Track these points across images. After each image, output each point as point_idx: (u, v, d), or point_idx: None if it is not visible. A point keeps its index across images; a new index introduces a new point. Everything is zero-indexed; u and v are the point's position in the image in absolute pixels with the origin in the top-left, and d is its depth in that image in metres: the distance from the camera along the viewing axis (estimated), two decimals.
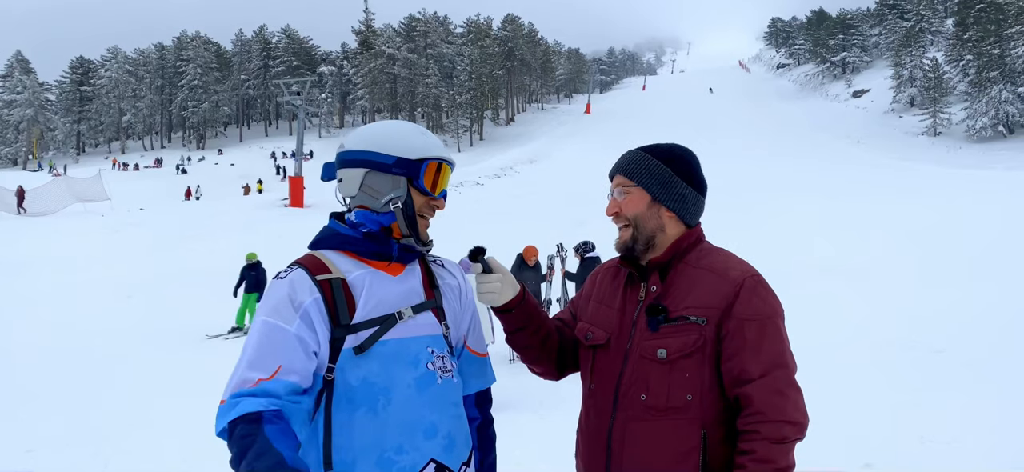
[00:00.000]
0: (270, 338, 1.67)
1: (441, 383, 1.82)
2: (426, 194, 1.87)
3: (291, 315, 1.70)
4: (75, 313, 14.49)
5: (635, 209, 1.93)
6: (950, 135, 55.84)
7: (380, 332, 1.76)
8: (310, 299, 1.72)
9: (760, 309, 1.79)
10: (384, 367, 1.74)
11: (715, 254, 1.93)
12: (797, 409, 1.75)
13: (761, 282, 1.84)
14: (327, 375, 1.72)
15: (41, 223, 30.49)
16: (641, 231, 1.92)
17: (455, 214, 30.80)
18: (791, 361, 1.80)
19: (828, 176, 35.22)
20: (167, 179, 60.57)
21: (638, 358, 1.85)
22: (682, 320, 1.81)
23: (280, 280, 1.76)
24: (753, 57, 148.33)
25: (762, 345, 1.76)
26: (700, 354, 1.79)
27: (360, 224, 1.85)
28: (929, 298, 12.95)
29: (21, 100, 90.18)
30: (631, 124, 62.35)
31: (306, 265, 1.78)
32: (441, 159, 1.89)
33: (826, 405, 6.67)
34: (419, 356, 1.80)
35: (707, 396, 1.79)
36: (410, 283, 1.86)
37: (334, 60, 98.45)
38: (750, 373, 1.74)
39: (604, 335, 1.95)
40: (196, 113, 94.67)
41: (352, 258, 1.83)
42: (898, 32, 79.13)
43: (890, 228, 20.60)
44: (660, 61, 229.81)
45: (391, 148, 1.85)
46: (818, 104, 77.35)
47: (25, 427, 7.61)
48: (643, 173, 1.94)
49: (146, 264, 20.57)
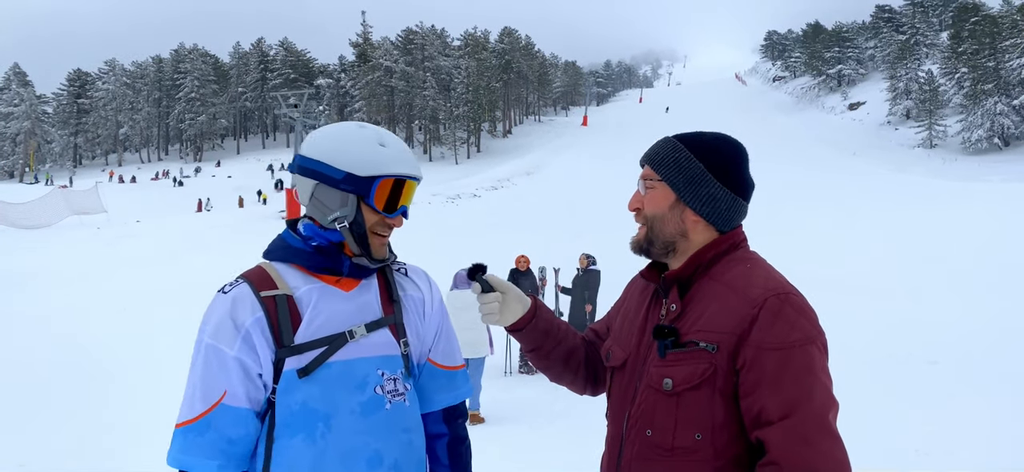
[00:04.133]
0: (210, 364, 1.61)
1: (390, 408, 1.69)
2: (380, 212, 1.71)
3: (232, 336, 1.61)
4: (70, 326, 14.42)
5: (655, 208, 1.67)
6: (945, 147, 55.99)
7: (327, 353, 1.63)
8: (252, 319, 1.62)
9: (785, 336, 1.47)
10: (326, 391, 1.62)
11: (742, 265, 1.61)
12: (827, 460, 1.42)
13: (789, 302, 1.51)
14: (271, 398, 1.64)
15: (36, 236, 30.41)
16: (658, 233, 1.66)
17: (452, 226, 31.00)
18: (824, 399, 1.47)
19: (824, 188, 35.26)
20: (163, 191, 60.49)
21: (646, 387, 1.60)
22: (691, 345, 1.54)
23: (223, 295, 1.66)
24: (749, 70, 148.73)
25: (783, 379, 1.45)
26: (710, 387, 1.51)
27: (309, 237, 1.73)
28: (923, 310, 12.97)
29: (18, 112, 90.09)
30: (628, 136, 62.41)
31: (252, 279, 1.68)
32: (398, 176, 1.71)
33: None
34: (367, 379, 1.67)
35: (720, 435, 1.51)
36: (364, 298, 1.73)
37: (332, 73, 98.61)
38: (769, 414, 1.45)
39: (623, 356, 1.72)
40: (193, 125, 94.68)
41: (302, 272, 1.71)
42: (893, 45, 79.39)
43: (885, 240, 20.64)
44: (657, 74, 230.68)
45: (341, 162, 1.68)
46: (814, 116, 77.54)
47: (18, 441, 7.57)
48: (670, 167, 1.66)
49: (141, 277, 20.51)
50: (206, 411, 1.60)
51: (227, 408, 1.60)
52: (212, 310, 1.65)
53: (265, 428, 1.65)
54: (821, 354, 1.50)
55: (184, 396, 1.63)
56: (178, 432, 1.61)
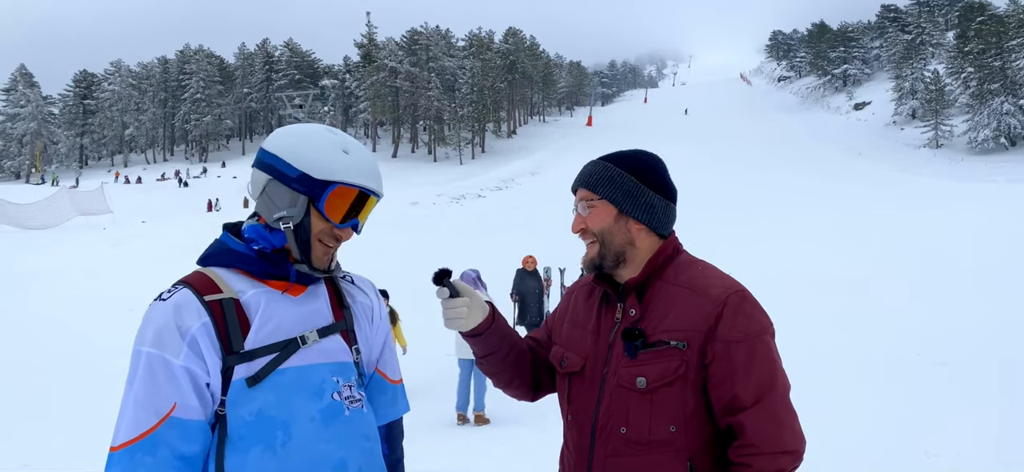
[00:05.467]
0: (156, 374, 1.49)
1: (349, 414, 1.62)
2: (329, 221, 1.63)
3: (177, 344, 1.50)
4: (76, 326, 14.47)
5: (601, 223, 1.78)
6: (952, 147, 55.81)
7: (279, 360, 1.55)
8: (198, 324, 1.51)
9: (747, 328, 1.64)
10: (282, 399, 1.53)
11: (694, 268, 1.76)
12: (794, 436, 1.62)
13: (746, 298, 1.68)
14: (219, 409, 1.53)
15: (43, 236, 30.49)
16: (609, 246, 1.77)
17: (457, 227, 31.06)
18: (784, 381, 1.66)
19: (829, 189, 35.19)
20: (169, 192, 60.62)
21: (615, 387, 1.70)
22: (661, 345, 1.66)
23: (162, 302, 1.55)
24: (754, 69, 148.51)
25: (752, 368, 1.62)
26: (682, 381, 1.64)
27: (252, 240, 1.64)
28: (932, 311, 12.91)
29: (24, 113, 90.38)
30: (633, 136, 62.35)
31: (193, 284, 1.57)
32: (354, 186, 1.62)
33: (829, 420, 6.64)
34: (323, 385, 1.59)
35: (692, 425, 1.65)
36: (314, 304, 1.66)
37: (336, 73, 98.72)
38: (742, 401, 1.61)
39: (579, 361, 1.80)
40: (199, 126, 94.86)
41: (246, 276, 1.61)
42: (899, 44, 79.23)
43: (892, 241, 20.57)
44: (661, 74, 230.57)
45: (298, 160, 1.61)
46: (819, 117, 77.39)
47: (22, 442, 7.58)
48: (606, 184, 1.79)
49: (147, 277, 20.53)
50: (154, 426, 1.47)
51: (177, 421, 1.48)
52: (150, 318, 1.54)
53: (214, 443, 1.53)
54: (774, 341, 1.69)
55: (119, 416, 1.50)
56: (118, 455, 1.47)
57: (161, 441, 1.47)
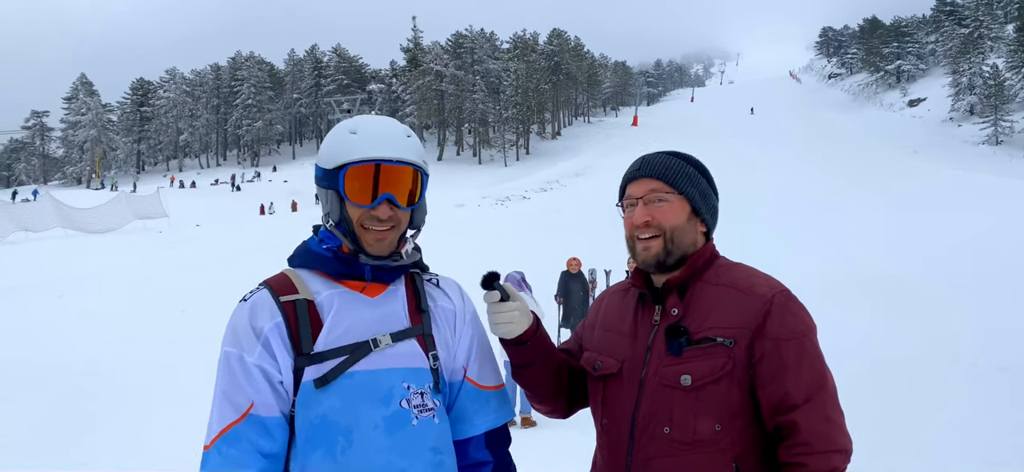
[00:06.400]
0: (234, 372, 1.53)
1: (417, 424, 1.56)
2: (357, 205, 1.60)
3: (252, 343, 1.54)
4: (129, 327, 14.85)
5: (675, 219, 1.72)
6: (1012, 144, 53.92)
7: (348, 362, 1.53)
8: (271, 323, 1.55)
9: (795, 327, 1.62)
10: (348, 403, 1.52)
11: (736, 269, 1.74)
12: (844, 435, 1.60)
13: (792, 297, 1.66)
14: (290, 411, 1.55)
15: (101, 240, 31.47)
16: (677, 245, 1.71)
17: (502, 228, 31.12)
18: (832, 380, 1.64)
19: (884, 188, 34.31)
20: (222, 196, 62.00)
21: (657, 387, 1.66)
22: (707, 342, 1.63)
23: (243, 303, 1.60)
24: (804, 67, 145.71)
25: (802, 366, 1.60)
26: (729, 379, 1.61)
27: (323, 240, 1.68)
28: (991, 313, 12.49)
29: (85, 121, 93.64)
30: (679, 136, 61.61)
31: (272, 285, 1.62)
32: (366, 160, 1.58)
33: (880, 427, 6.45)
34: (392, 391, 1.55)
35: (736, 423, 1.62)
36: (390, 306, 1.64)
37: (383, 78, 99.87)
38: (793, 399, 1.58)
39: (615, 363, 1.76)
40: (250, 131, 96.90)
41: (325, 277, 1.63)
42: (956, 39, 76.80)
43: (949, 241, 19.97)
44: (708, 72, 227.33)
45: (320, 159, 1.65)
46: (872, 114, 75.51)
47: (80, 441, 7.76)
48: (685, 180, 1.74)
49: (200, 279, 21.05)
50: (235, 421, 1.50)
51: (256, 418, 1.51)
52: (232, 319, 1.60)
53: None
54: (818, 341, 1.67)
55: (210, 415, 1.55)
56: (208, 453, 1.51)
57: (242, 435, 1.50)
